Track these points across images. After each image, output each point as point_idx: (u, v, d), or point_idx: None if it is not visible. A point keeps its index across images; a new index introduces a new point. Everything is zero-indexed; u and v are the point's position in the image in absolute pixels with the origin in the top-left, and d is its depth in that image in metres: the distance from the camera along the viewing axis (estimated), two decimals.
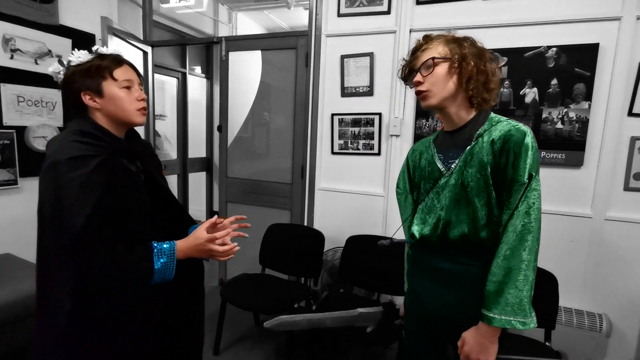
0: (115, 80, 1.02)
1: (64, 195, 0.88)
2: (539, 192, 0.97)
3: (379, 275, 2.15)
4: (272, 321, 1.20)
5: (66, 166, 0.89)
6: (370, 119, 2.43)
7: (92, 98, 1.01)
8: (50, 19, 2.47)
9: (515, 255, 0.95)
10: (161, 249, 0.99)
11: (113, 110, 1.02)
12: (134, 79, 1.06)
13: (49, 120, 2.54)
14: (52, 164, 0.90)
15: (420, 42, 1.10)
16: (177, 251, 1.01)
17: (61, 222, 0.88)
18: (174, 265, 1.00)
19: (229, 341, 2.30)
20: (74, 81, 1.01)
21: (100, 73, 1.00)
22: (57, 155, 0.91)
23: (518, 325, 0.94)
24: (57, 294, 0.92)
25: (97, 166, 0.92)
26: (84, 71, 1.00)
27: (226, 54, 2.80)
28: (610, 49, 1.93)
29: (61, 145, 0.94)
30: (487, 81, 1.04)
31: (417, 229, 1.15)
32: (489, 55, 1.06)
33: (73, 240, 0.87)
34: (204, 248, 1.03)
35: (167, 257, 0.98)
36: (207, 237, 1.02)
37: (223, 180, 2.96)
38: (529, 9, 2.04)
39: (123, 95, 1.02)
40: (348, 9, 2.42)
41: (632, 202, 1.97)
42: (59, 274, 0.91)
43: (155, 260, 0.97)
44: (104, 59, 1.03)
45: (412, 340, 1.24)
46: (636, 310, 2.00)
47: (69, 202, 0.88)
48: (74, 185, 0.88)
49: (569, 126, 2.02)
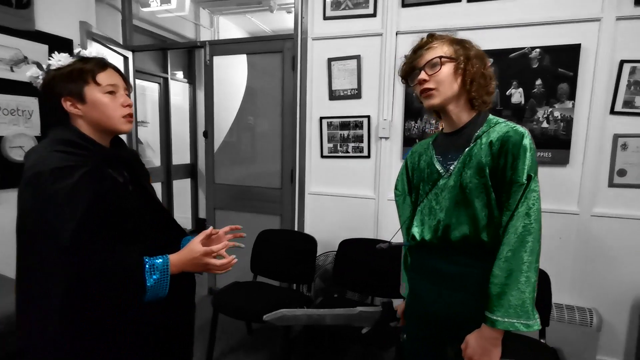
0: (98, 84, 0.95)
1: (48, 208, 0.83)
2: (538, 193, 0.98)
3: (373, 278, 2.14)
4: (273, 314, 1.18)
5: (50, 177, 0.84)
6: (359, 121, 2.42)
7: (74, 104, 0.95)
8: (26, 24, 2.37)
9: (517, 256, 0.95)
10: (153, 265, 0.93)
11: (96, 117, 0.96)
12: (119, 83, 0.99)
13: (26, 129, 2.43)
14: (35, 175, 0.85)
15: (424, 40, 1.08)
16: (170, 266, 0.95)
17: (46, 236, 0.83)
18: (167, 281, 0.94)
19: (221, 351, 2.24)
20: (53, 86, 0.94)
21: (82, 77, 0.94)
22: (39, 166, 0.85)
23: (522, 327, 0.94)
24: (45, 313, 0.86)
25: (82, 177, 0.87)
26: (64, 75, 0.94)
27: (210, 58, 2.75)
28: (592, 49, 1.98)
29: (42, 156, 0.88)
30: (487, 84, 1.05)
31: (417, 230, 1.15)
32: (487, 59, 1.07)
33: (59, 255, 0.82)
34: (200, 262, 0.97)
35: (160, 273, 0.92)
36: (203, 251, 0.96)
37: (210, 186, 2.91)
38: (512, 11, 2.08)
39: (107, 101, 0.96)
40: (334, 12, 2.41)
41: (617, 198, 2.02)
42: (44, 291, 0.85)
43: (147, 277, 0.90)
44: (87, 63, 0.96)
45: (413, 342, 1.23)
46: (624, 303, 2.05)
47: (54, 215, 0.83)
48: (58, 197, 0.83)
49: (554, 125, 2.06)
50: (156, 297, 0.93)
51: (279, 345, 2.29)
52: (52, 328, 0.86)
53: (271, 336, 2.43)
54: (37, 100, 2.47)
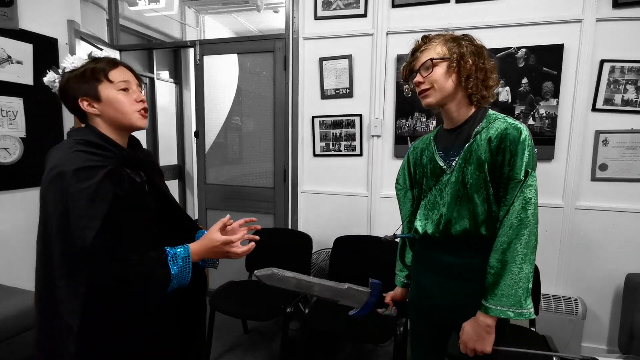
0: (111, 82, 0.97)
1: (72, 207, 0.84)
2: (535, 187, 1.01)
3: (368, 274, 2.17)
4: (263, 271, 1.19)
5: (73, 177, 0.85)
6: (351, 120, 2.46)
7: (90, 104, 0.97)
8: (9, 23, 2.31)
9: (512, 248, 0.99)
10: (175, 254, 0.96)
11: (112, 115, 0.98)
12: (132, 79, 1.01)
13: (10, 130, 2.37)
14: (58, 174, 0.86)
15: (419, 43, 1.12)
16: (191, 254, 0.99)
17: (70, 235, 0.84)
18: (189, 269, 0.97)
19: (219, 351, 2.24)
20: (69, 88, 0.96)
21: (95, 76, 0.96)
22: (63, 166, 0.86)
23: (513, 315, 0.98)
24: (64, 315, 0.86)
25: (104, 177, 0.89)
26: (78, 76, 0.96)
27: (201, 57, 2.73)
28: (574, 49, 2.06)
29: (65, 156, 0.89)
30: (486, 78, 1.07)
31: (420, 224, 1.18)
32: (487, 52, 1.09)
33: (84, 254, 0.83)
34: (220, 250, 1.02)
35: (182, 261, 0.96)
36: (223, 240, 1.01)
37: (202, 187, 2.89)
38: (499, 12, 2.15)
39: (121, 98, 0.98)
40: (325, 11, 2.44)
41: (599, 192, 2.12)
42: (67, 290, 0.86)
43: (170, 265, 0.94)
44: (99, 62, 0.98)
45: (418, 332, 1.26)
46: (608, 292, 2.15)
47: (78, 214, 0.84)
48: (82, 197, 0.85)
49: (540, 122, 2.14)
50: (180, 285, 0.96)
51: (275, 344, 2.31)
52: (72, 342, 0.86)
53: (267, 335, 2.44)
54: (21, 101, 2.41)
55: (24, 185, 2.45)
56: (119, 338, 0.92)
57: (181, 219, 1.13)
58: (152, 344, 0.98)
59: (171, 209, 1.10)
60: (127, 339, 0.94)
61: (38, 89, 2.45)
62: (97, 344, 0.89)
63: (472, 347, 1.03)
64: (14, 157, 2.38)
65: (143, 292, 0.91)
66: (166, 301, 0.99)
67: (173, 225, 1.10)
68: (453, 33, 1.12)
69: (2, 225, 2.34)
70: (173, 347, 1.06)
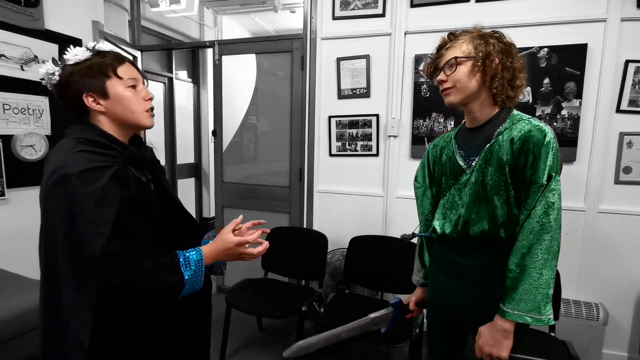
0: (120, 78, 0.92)
1: (78, 213, 0.79)
2: (559, 191, 0.98)
3: (383, 274, 2.17)
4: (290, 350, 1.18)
5: (78, 180, 0.79)
6: (368, 120, 2.45)
7: (96, 100, 0.91)
8: (36, 23, 2.38)
9: (532, 253, 0.96)
10: (187, 257, 0.92)
11: (120, 113, 0.92)
12: (139, 77, 0.96)
13: (36, 128, 2.45)
14: (62, 177, 0.80)
15: (444, 40, 1.10)
16: (204, 258, 0.94)
17: (79, 243, 0.79)
18: (202, 273, 0.93)
19: (234, 347, 2.26)
20: (73, 82, 0.89)
21: (103, 71, 0.90)
22: (66, 168, 0.80)
23: (531, 320, 0.96)
24: (72, 329, 0.81)
25: (111, 178, 0.84)
26: (84, 70, 0.89)
27: (219, 57, 2.77)
28: (598, 49, 2.02)
29: (68, 157, 0.83)
30: (513, 78, 1.04)
31: (438, 224, 1.17)
32: (516, 50, 1.06)
33: (93, 264, 0.79)
34: (235, 252, 0.98)
35: (195, 265, 0.92)
36: (237, 241, 0.97)
37: (219, 185, 2.92)
38: (520, 11, 2.12)
39: (130, 95, 0.93)
40: (343, 11, 2.44)
41: (622, 195, 2.07)
42: (75, 303, 0.81)
43: (183, 270, 0.89)
44: (105, 56, 0.92)
45: (434, 334, 1.26)
46: (630, 298, 2.09)
47: (86, 221, 0.79)
48: (89, 201, 0.79)
49: (562, 123, 2.10)
50: (192, 290, 0.92)
51: (290, 342, 2.32)
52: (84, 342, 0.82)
53: (282, 333, 2.46)
54: (47, 100, 2.48)
55: None
56: (128, 350, 0.89)
57: (185, 218, 1.09)
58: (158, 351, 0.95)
59: (176, 208, 1.06)
60: (135, 350, 0.90)
61: None
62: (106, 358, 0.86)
63: (489, 352, 1.01)
64: (40, 154, 2.45)
65: (155, 299, 0.88)
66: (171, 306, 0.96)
67: (178, 226, 1.07)
68: (482, 29, 1.07)
69: (27, 220, 2.41)
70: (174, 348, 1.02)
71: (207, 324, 1.15)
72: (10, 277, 2.07)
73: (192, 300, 1.00)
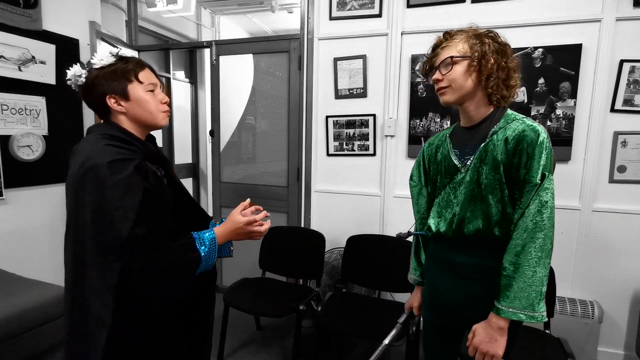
0: (140, 83, 1.02)
1: (108, 199, 0.87)
2: (552, 190, 0.99)
3: (380, 273, 2.18)
4: None
5: (107, 169, 0.88)
6: (365, 120, 2.46)
7: (118, 101, 1.00)
8: (34, 24, 2.38)
9: (526, 251, 0.98)
10: (201, 238, 1.01)
11: (139, 114, 1.02)
12: (157, 82, 1.06)
13: (34, 128, 2.45)
14: (92, 167, 0.88)
15: (440, 39, 1.10)
16: (217, 237, 1.03)
17: (108, 226, 0.87)
18: (215, 250, 1.02)
19: (232, 347, 2.27)
20: (97, 84, 0.99)
21: (126, 76, 1.00)
22: (95, 159, 0.89)
23: (525, 317, 0.98)
24: (95, 307, 0.88)
25: (135, 169, 0.92)
26: (108, 74, 0.99)
27: (217, 57, 2.77)
28: (592, 49, 2.03)
29: (96, 149, 0.92)
30: (508, 78, 1.05)
31: (433, 222, 1.18)
32: (510, 50, 1.07)
33: (120, 246, 0.86)
34: (244, 231, 1.06)
35: (209, 242, 1.01)
36: (246, 220, 1.06)
37: (217, 185, 2.93)
38: (516, 12, 2.13)
39: (149, 98, 1.03)
40: (340, 12, 2.45)
41: (617, 194, 2.08)
42: (99, 282, 0.88)
43: (199, 247, 0.99)
44: (128, 62, 1.02)
45: (430, 331, 1.27)
46: (625, 296, 2.11)
47: (115, 205, 0.87)
48: (117, 189, 0.88)
49: (557, 123, 2.11)
50: (206, 268, 1.02)
51: (288, 341, 2.33)
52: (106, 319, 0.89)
53: (280, 332, 2.47)
54: (44, 100, 2.48)
55: (46, 181, 2.53)
56: (147, 331, 0.95)
57: (196, 210, 1.17)
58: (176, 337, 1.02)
59: (188, 201, 1.14)
60: (154, 332, 0.96)
61: (60, 88, 2.52)
62: (126, 337, 0.92)
63: (484, 350, 1.01)
64: (37, 154, 2.45)
65: (175, 278, 0.95)
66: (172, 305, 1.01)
67: (187, 221, 1.13)
68: (477, 29, 1.08)
69: (25, 220, 2.42)
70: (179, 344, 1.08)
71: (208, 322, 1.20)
72: (9, 277, 2.07)
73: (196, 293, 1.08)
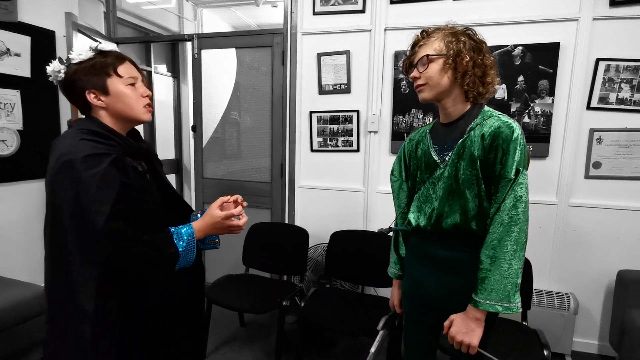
0: (120, 77, 1.00)
1: (83, 193, 0.87)
2: (526, 185, 1.02)
3: (364, 268, 2.20)
4: None
5: (82, 164, 0.88)
6: (349, 116, 2.47)
7: (97, 96, 0.99)
8: (9, 16, 2.30)
9: (502, 245, 1.01)
10: (180, 232, 1.01)
11: (120, 108, 1.01)
12: (137, 75, 1.04)
13: (8, 123, 2.37)
14: (67, 162, 0.88)
15: (418, 37, 1.12)
16: (195, 232, 1.03)
17: (83, 220, 0.87)
18: (194, 246, 1.02)
19: (215, 343, 2.26)
20: (76, 79, 0.98)
21: (104, 70, 0.99)
22: (71, 154, 0.89)
23: (501, 309, 1.01)
24: (78, 299, 0.88)
25: (111, 164, 0.92)
26: (87, 69, 0.98)
27: (199, 51, 2.73)
28: (570, 48, 2.08)
29: (72, 144, 0.92)
30: (484, 75, 1.07)
31: (413, 217, 1.20)
32: (487, 48, 1.09)
33: (97, 238, 0.87)
34: (223, 225, 1.06)
35: (187, 237, 1.01)
36: (224, 215, 1.05)
37: (199, 181, 2.90)
38: (496, 10, 2.16)
39: (129, 92, 1.01)
40: (323, 7, 2.44)
41: (592, 189, 2.15)
42: (80, 274, 0.88)
43: (177, 242, 0.99)
44: (107, 56, 1.01)
45: (412, 324, 1.29)
46: (600, 288, 2.18)
47: (90, 199, 0.87)
48: (92, 183, 0.88)
49: (535, 120, 2.16)
50: (186, 263, 1.01)
51: (272, 338, 2.33)
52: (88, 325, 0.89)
53: (264, 329, 2.47)
54: (18, 93, 2.41)
55: (21, 177, 2.46)
56: (131, 322, 0.96)
57: (180, 205, 1.16)
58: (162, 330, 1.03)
59: (172, 196, 1.13)
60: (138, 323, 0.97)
61: (35, 81, 2.45)
62: (111, 328, 0.92)
63: (460, 340, 1.04)
64: (12, 149, 2.38)
65: (154, 270, 0.96)
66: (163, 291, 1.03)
67: (172, 210, 1.12)
68: (454, 27, 1.10)
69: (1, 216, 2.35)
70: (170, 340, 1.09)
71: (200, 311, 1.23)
72: None
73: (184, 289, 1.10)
